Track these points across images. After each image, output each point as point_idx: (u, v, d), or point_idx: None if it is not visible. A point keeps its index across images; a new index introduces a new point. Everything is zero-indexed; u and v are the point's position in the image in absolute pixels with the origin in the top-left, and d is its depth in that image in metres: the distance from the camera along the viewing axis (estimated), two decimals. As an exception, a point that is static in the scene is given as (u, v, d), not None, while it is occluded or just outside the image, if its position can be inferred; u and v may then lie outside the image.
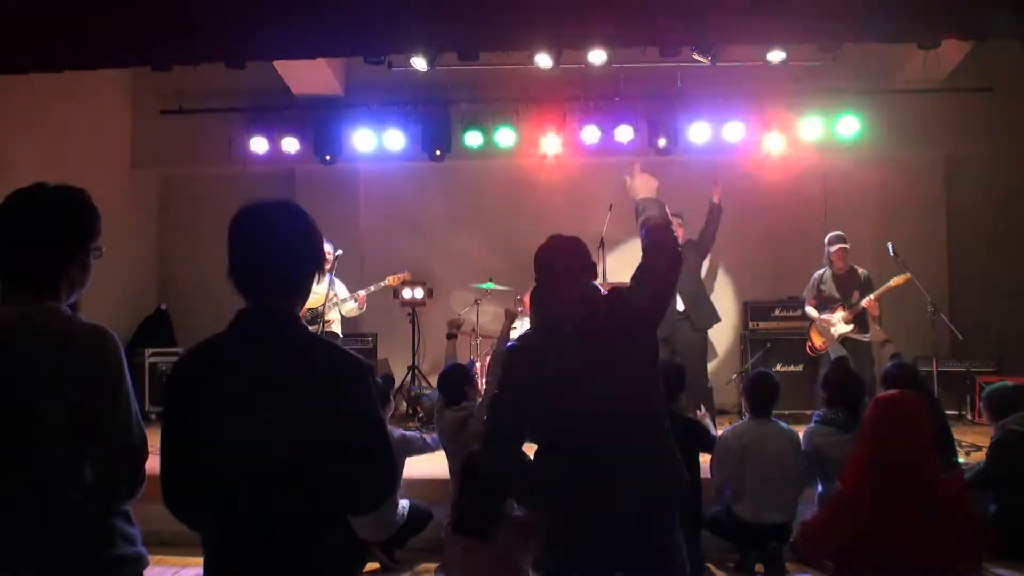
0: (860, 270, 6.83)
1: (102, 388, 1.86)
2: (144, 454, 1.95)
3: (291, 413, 1.76)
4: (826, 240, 6.88)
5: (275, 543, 1.78)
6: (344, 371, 1.83)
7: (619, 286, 2.80)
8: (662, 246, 2.67)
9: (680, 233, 5.90)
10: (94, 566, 1.90)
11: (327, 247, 6.19)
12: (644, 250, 2.72)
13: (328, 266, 6.50)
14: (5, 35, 4.44)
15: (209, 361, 1.86)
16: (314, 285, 1.96)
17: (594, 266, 2.78)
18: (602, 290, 2.76)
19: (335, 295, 6.61)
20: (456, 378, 4.65)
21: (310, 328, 2.02)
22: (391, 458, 1.89)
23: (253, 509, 1.78)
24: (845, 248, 6.75)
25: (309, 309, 6.36)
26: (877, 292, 6.58)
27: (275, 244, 1.87)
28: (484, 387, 4.91)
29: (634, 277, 2.69)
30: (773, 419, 4.59)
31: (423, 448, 4.63)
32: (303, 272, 1.92)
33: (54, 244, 1.96)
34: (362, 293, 6.75)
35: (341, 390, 1.80)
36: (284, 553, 1.78)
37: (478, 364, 6.99)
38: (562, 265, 2.69)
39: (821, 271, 6.96)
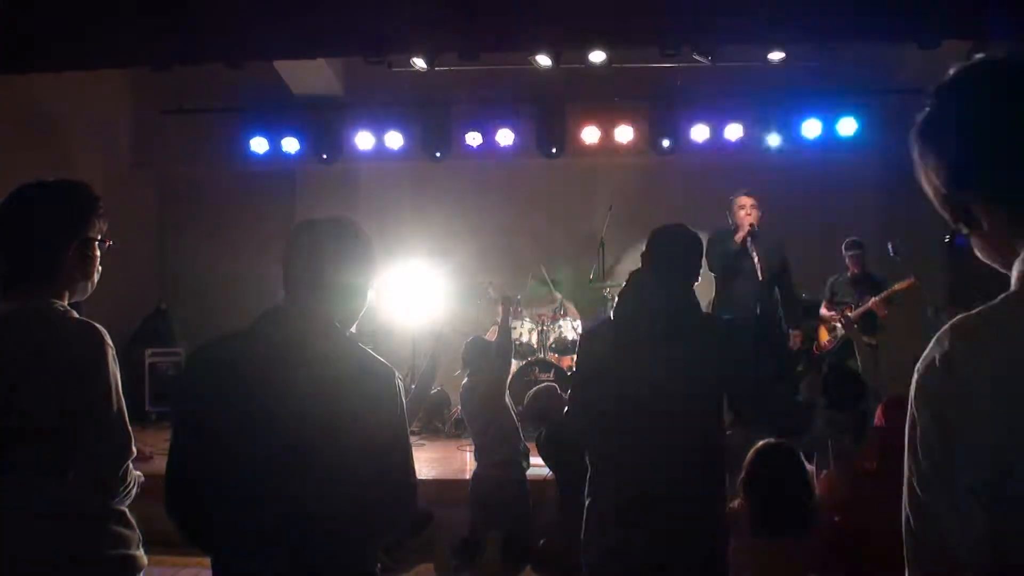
0: (878, 275, 6.87)
1: (84, 385, 1.83)
2: (127, 453, 1.90)
3: (310, 415, 1.69)
4: (843, 245, 6.95)
5: (286, 545, 1.72)
6: (371, 377, 1.76)
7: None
8: None
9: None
10: (81, 566, 1.86)
11: None
12: None
13: None
14: (5, 35, 4.44)
15: (230, 358, 1.79)
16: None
17: (698, 271, 2.60)
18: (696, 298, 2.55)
19: None
20: (478, 347, 4.82)
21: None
22: (410, 473, 1.82)
23: (266, 512, 1.71)
24: (858, 254, 6.84)
25: None
26: (883, 295, 6.63)
27: (337, 259, 1.83)
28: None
29: None
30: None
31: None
32: (356, 290, 1.87)
33: (45, 235, 1.93)
34: None
35: (365, 397, 1.73)
36: (295, 555, 1.73)
37: None
38: (662, 259, 2.52)
39: (836, 275, 7.02)
